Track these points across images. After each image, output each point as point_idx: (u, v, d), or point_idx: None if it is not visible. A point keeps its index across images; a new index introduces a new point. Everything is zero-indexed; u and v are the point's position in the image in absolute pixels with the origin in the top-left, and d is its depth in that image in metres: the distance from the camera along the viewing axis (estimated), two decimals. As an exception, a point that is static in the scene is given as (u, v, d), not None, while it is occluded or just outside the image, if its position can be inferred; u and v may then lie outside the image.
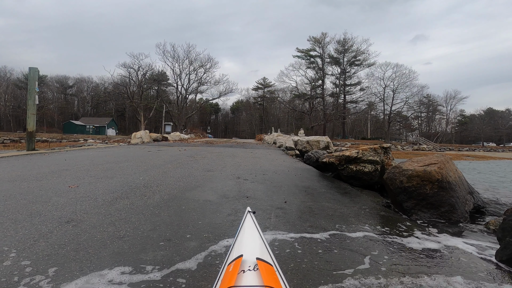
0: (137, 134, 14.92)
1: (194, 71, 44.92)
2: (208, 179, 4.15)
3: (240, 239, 1.24)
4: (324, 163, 5.14)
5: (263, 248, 1.12)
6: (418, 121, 70.26)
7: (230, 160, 6.56)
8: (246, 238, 1.24)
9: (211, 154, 7.97)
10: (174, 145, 11.99)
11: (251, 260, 0.99)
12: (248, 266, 0.94)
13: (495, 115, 72.59)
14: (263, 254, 1.05)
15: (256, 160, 6.81)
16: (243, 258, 1.00)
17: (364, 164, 4.38)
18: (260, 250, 1.10)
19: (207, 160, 6.48)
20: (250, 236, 1.26)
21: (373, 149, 4.36)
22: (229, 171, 4.91)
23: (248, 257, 1.01)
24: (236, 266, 0.94)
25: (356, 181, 4.49)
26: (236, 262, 0.97)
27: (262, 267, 0.92)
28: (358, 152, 4.39)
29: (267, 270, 0.91)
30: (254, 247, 1.14)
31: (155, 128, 61.61)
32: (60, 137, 38.00)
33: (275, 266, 0.98)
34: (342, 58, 49.81)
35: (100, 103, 77.10)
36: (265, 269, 0.91)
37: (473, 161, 23.63)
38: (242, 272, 0.91)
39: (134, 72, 41.83)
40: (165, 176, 4.24)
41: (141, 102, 42.49)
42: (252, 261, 0.98)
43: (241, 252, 1.05)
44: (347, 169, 4.55)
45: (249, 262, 0.97)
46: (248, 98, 79.49)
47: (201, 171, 4.80)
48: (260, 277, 0.86)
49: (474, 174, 10.71)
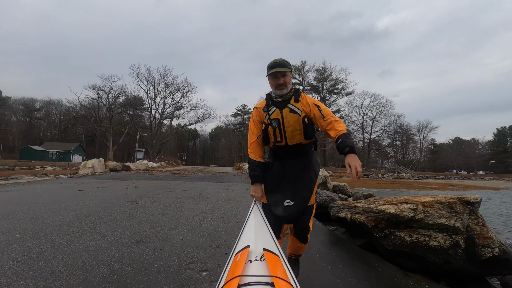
0: (88, 163, 12.19)
1: (170, 95, 42.70)
2: (126, 275, 1.89)
3: (247, 229, 1.27)
4: (343, 220, 3.08)
5: (269, 239, 1.14)
6: (393, 149, 71.80)
7: (191, 208, 4.31)
8: (253, 229, 1.28)
9: (168, 194, 5.65)
10: (128, 179, 9.44)
11: (258, 250, 1.01)
12: (255, 256, 0.96)
13: (462, 144, 76.09)
14: (270, 244, 1.07)
15: (231, 207, 4.60)
16: (250, 249, 1.02)
17: (429, 232, 2.36)
18: (267, 241, 1.11)
19: (154, 209, 4.18)
20: (256, 227, 1.30)
21: (448, 204, 2.36)
22: (177, 241, 2.67)
23: (255, 247, 1.03)
24: (243, 256, 0.95)
25: (413, 263, 2.43)
26: (243, 252, 0.98)
27: (269, 258, 0.93)
28: (417, 209, 2.38)
29: (274, 261, 0.92)
30: (261, 238, 1.16)
31: (128, 154, 57.40)
32: (14, 164, 33.35)
33: (282, 257, 0.98)
34: (322, 86, 50.33)
35: (68, 127, 71.91)
36: (272, 260, 0.92)
37: (460, 191, 22.83)
38: (249, 262, 0.92)
39: (104, 94, 38.88)
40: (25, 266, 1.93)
41: (110, 127, 39.06)
42: (259, 252, 1.00)
43: (248, 242, 1.07)
44: (393, 238, 2.51)
45: (256, 252, 0.99)
46: (227, 125, 77.77)
47: (122, 246, 2.52)
48: (267, 267, 0.87)
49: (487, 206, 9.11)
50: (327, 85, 50.14)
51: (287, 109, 1.70)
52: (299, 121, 1.68)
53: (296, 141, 1.73)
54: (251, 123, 1.84)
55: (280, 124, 1.71)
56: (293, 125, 1.69)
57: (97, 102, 38.69)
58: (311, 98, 1.77)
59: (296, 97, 1.72)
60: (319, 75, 49.68)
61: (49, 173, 13.68)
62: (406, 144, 73.75)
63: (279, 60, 1.70)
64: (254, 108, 1.85)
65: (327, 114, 1.68)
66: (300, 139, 1.73)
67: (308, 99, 1.74)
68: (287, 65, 1.70)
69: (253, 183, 1.80)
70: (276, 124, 1.71)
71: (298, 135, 1.71)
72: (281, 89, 1.69)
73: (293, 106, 1.70)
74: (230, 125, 76.83)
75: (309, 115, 1.70)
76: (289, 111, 1.69)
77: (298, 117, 1.68)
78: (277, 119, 1.71)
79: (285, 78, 1.69)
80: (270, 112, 1.73)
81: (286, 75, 1.69)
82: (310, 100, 1.73)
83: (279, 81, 1.68)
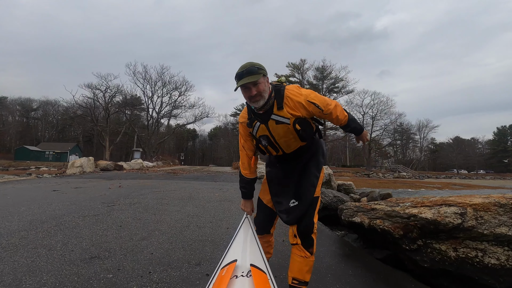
0: (77, 162, 11.52)
1: (168, 93, 41.92)
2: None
3: (235, 243, 1.23)
4: (359, 226, 2.46)
5: (257, 254, 1.11)
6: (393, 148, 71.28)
7: (175, 211, 3.67)
8: (242, 243, 1.23)
9: (153, 195, 5.00)
10: (116, 178, 8.78)
11: (245, 266, 0.98)
12: (242, 272, 0.93)
13: (462, 143, 75.47)
14: (258, 260, 1.04)
15: (223, 209, 3.96)
16: (237, 263, 0.99)
17: (482, 245, 1.74)
18: (254, 256, 1.09)
19: (130, 212, 3.53)
20: (246, 241, 1.26)
21: (509, 207, 1.73)
22: (145, 256, 2.02)
23: (242, 262, 1.00)
24: (229, 271, 0.92)
25: (459, 286, 1.80)
26: (230, 267, 0.95)
27: (255, 274, 0.90)
28: (465, 214, 1.76)
29: (260, 278, 0.89)
30: (249, 253, 1.13)
31: (125, 154, 56.72)
32: (8, 164, 32.69)
33: (269, 274, 0.95)
34: (322, 85, 49.61)
35: (66, 128, 71.22)
36: (258, 276, 0.89)
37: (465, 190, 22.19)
38: (235, 277, 0.90)
39: (101, 93, 38.08)
40: None
41: (106, 126, 38.30)
42: (246, 267, 0.97)
43: (236, 256, 1.05)
44: (430, 253, 1.88)
45: (242, 268, 0.97)
46: (226, 125, 77.11)
47: (67, 264, 1.88)
48: (253, 284, 0.84)
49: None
50: (327, 83, 49.48)
51: (272, 122, 1.45)
52: (290, 130, 1.46)
53: (294, 148, 1.55)
54: (240, 138, 1.65)
55: (271, 139, 1.51)
56: (284, 135, 1.48)
57: (93, 101, 37.97)
58: (299, 94, 1.46)
59: (279, 103, 1.44)
60: (318, 73, 49.01)
61: (40, 173, 13.00)
62: (406, 143, 73.31)
63: (246, 67, 1.38)
64: (239, 122, 1.63)
65: (324, 105, 1.47)
66: (297, 145, 1.54)
67: (296, 98, 1.44)
68: (256, 70, 1.38)
69: (243, 198, 1.73)
70: (266, 142, 1.53)
71: (293, 142, 1.52)
72: (256, 101, 1.41)
73: (278, 117, 1.44)
74: (229, 125, 76.16)
75: (302, 117, 1.45)
76: (275, 123, 1.45)
77: (287, 126, 1.45)
78: (265, 136, 1.51)
79: (258, 87, 1.38)
80: (254, 129, 1.52)
81: (257, 83, 1.38)
82: (300, 99, 1.44)
83: (251, 92, 1.39)
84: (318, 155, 1.62)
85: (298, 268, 1.41)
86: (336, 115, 1.52)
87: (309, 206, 1.49)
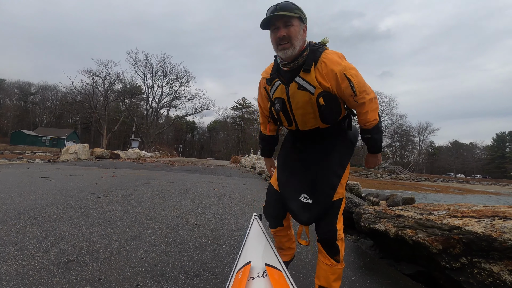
0: (71, 148, 11.13)
1: (168, 83, 41.23)
2: None
3: (247, 245, 1.20)
4: (382, 234, 2.13)
5: (271, 253, 1.09)
6: (392, 150, 71.14)
7: (171, 206, 3.32)
8: (254, 244, 1.20)
9: (149, 187, 4.65)
10: (111, 167, 8.42)
11: (260, 266, 0.96)
12: (257, 273, 0.91)
13: (461, 148, 75.35)
14: (272, 259, 1.01)
15: (224, 206, 3.63)
16: (252, 265, 0.96)
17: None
18: (268, 256, 1.06)
19: (122, 205, 3.18)
20: (257, 242, 1.22)
21: None
22: (134, 261, 1.68)
23: (257, 263, 0.97)
24: (245, 273, 0.90)
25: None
26: (245, 269, 0.93)
27: (271, 273, 0.89)
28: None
29: (277, 276, 0.88)
30: (262, 253, 1.10)
31: (123, 143, 56.25)
32: (4, 148, 32.23)
33: (284, 271, 0.94)
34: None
35: (64, 114, 70.37)
36: (274, 275, 0.87)
37: (465, 195, 22.05)
38: (251, 279, 0.87)
39: (100, 80, 37.36)
40: None
41: (105, 114, 37.69)
42: (261, 267, 0.94)
43: (249, 258, 1.01)
44: (477, 274, 1.56)
45: (258, 269, 0.94)
46: (226, 118, 76.47)
47: (37, 270, 1.53)
48: (270, 283, 0.83)
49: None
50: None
51: (294, 85, 1.17)
52: (311, 102, 1.16)
53: (310, 126, 1.26)
54: (258, 95, 1.43)
55: (286, 105, 1.23)
56: (303, 106, 1.19)
57: (92, 88, 37.29)
58: (338, 63, 1.13)
59: (308, 64, 1.13)
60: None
61: (33, 158, 12.59)
62: (405, 145, 73.20)
63: (281, 3, 1.11)
64: (261, 77, 1.35)
65: (360, 91, 1.16)
66: (316, 124, 1.24)
67: (332, 65, 1.12)
68: (292, 9, 1.09)
69: (262, 156, 1.62)
70: (279, 107, 1.26)
71: (312, 119, 1.22)
72: (284, 48, 1.12)
73: (303, 81, 1.15)
74: (229, 119, 75.60)
75: (331, 91, 1.14)
76: (297, 87, 1.16)
77: (310, 96, 1.15)
78: (281, 99, 1.24)
79: (289, 29, 1.10)
80: (273, 88, 1.25)
81: (290, 23, 1.10)
82: (336, 68, 1.12)
83: (279, 33, 1.10)
84: (345, 147, 1.32)
85: (324, 276, 1.24)
86: (366, 110, 1.23)
87: (329, 209, 1.25)
